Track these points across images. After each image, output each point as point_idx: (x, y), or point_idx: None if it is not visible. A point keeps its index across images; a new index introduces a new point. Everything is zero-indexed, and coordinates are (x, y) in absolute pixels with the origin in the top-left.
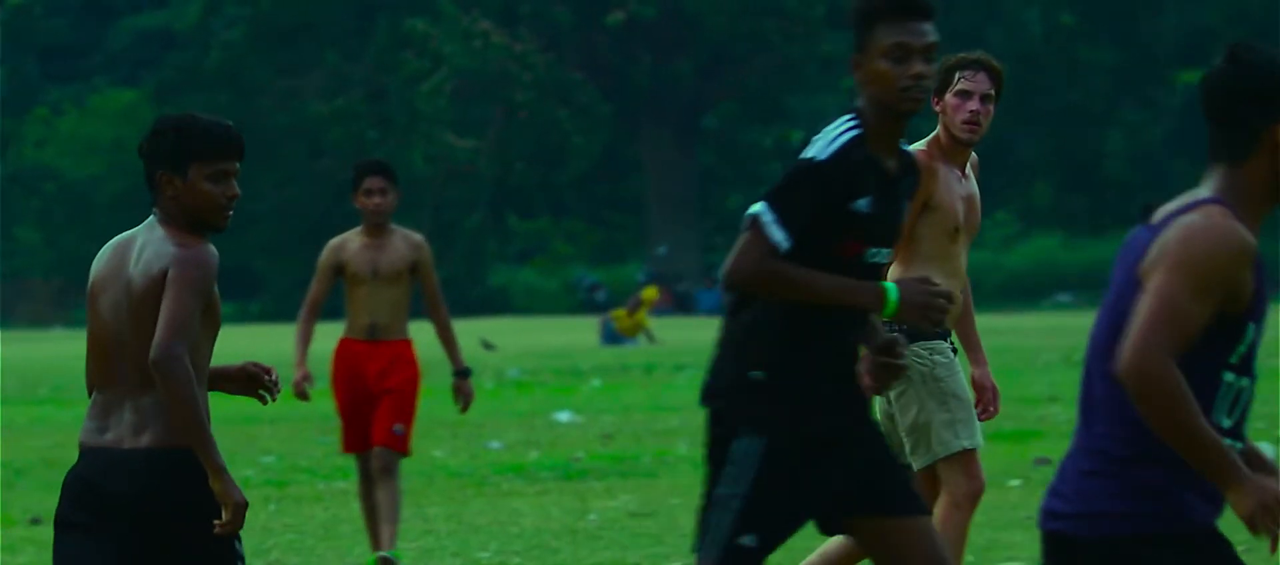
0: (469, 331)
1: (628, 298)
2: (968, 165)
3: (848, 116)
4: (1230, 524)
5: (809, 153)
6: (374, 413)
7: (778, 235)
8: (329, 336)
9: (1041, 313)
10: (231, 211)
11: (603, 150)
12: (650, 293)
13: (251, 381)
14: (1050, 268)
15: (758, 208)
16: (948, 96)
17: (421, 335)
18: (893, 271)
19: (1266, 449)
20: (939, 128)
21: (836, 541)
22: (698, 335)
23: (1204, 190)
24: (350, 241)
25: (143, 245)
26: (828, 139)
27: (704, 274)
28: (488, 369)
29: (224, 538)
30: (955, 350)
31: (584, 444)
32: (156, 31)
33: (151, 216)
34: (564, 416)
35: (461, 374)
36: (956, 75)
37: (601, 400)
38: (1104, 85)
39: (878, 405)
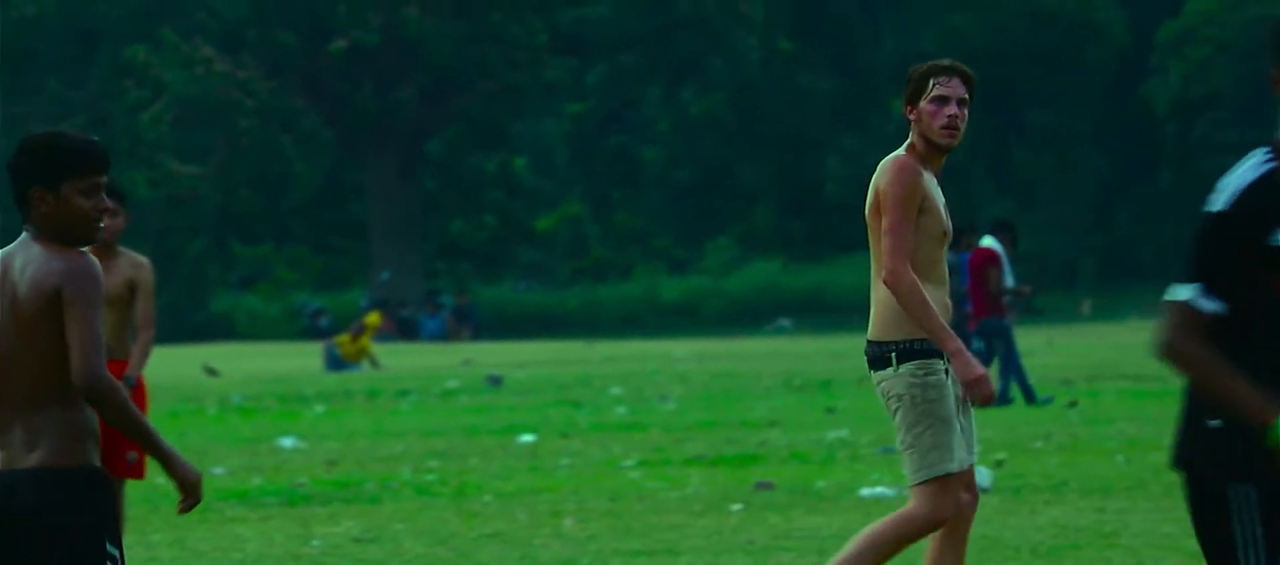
0: (192, 357)
1: (351, 324)
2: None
3: (1260, 152)
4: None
5: (1212, 206)
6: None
7: (1207, 306)
8: None
9: (762, 337)
10: (103, 223)
11: (326, 176)
12: (373, 318)
13: None
14: (771, 293)
15: (1177, 290)
16: (923, 103)
17: (153, 360)
18: (903, 274)
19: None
20: (913, 135)
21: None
22: (421, 361)
23: None
24: None
25: (24, 263)
26: (1230, 182)
27: (427, 300)
28: (211, 395)
29: (100, 549)
30: (948, 371)
31: (308, 470)
32: None
33: (24, 233)
34: (288, 442)
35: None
36: (930, 82)
37: (325, 426)
38: (822, 111)
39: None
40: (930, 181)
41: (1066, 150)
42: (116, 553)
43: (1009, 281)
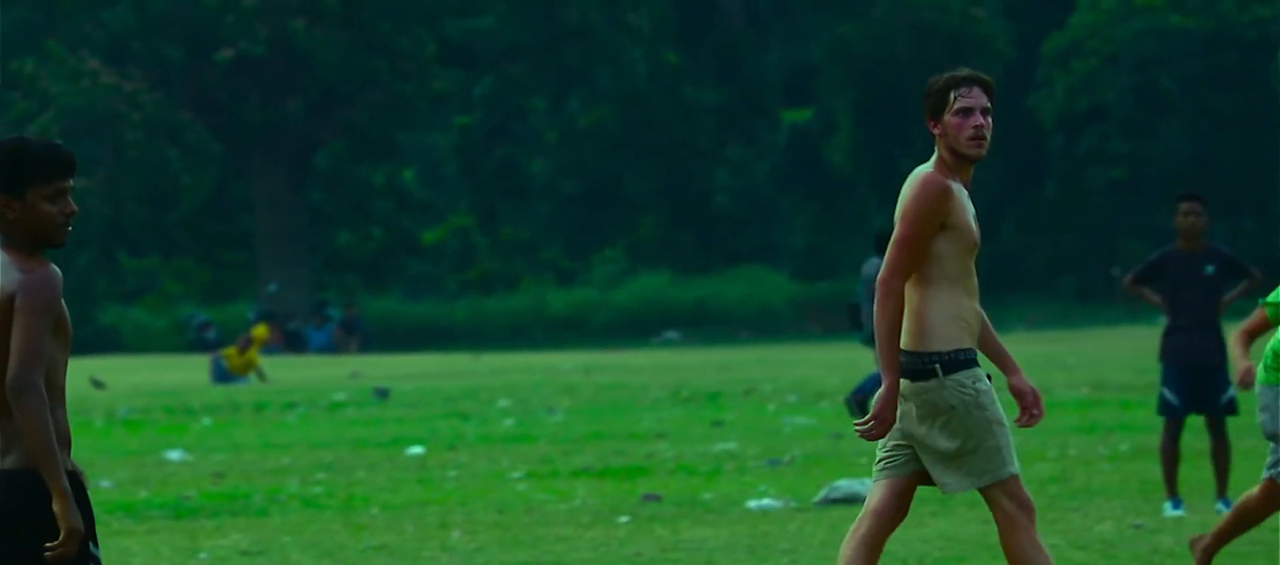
0: (79, 370)
1: (238, 336)
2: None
3: None
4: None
5: None
6: None
7: None
8: None
9: (650, 350)
10: (69, 227)
11: (213, 188)
12: (261, 331)
13: None
14: (658, 305)
15: None
16: (947, 117)
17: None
18: (918, 294)
19: None
20: (940, 149)
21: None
22: (308, 373)
23: None
24: None
25: None
26: None
27: (314, 312)
28: (98, 408)
29: (72, 556)
30: (990, 376)
31: (195, 482)
32: None
33: None
34: (175, 455)
35: None
36: (951, 95)
37: (212, 439)
38: (710, 123)
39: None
40: (960, 193)
41: None
42: (96, 551)
43: None
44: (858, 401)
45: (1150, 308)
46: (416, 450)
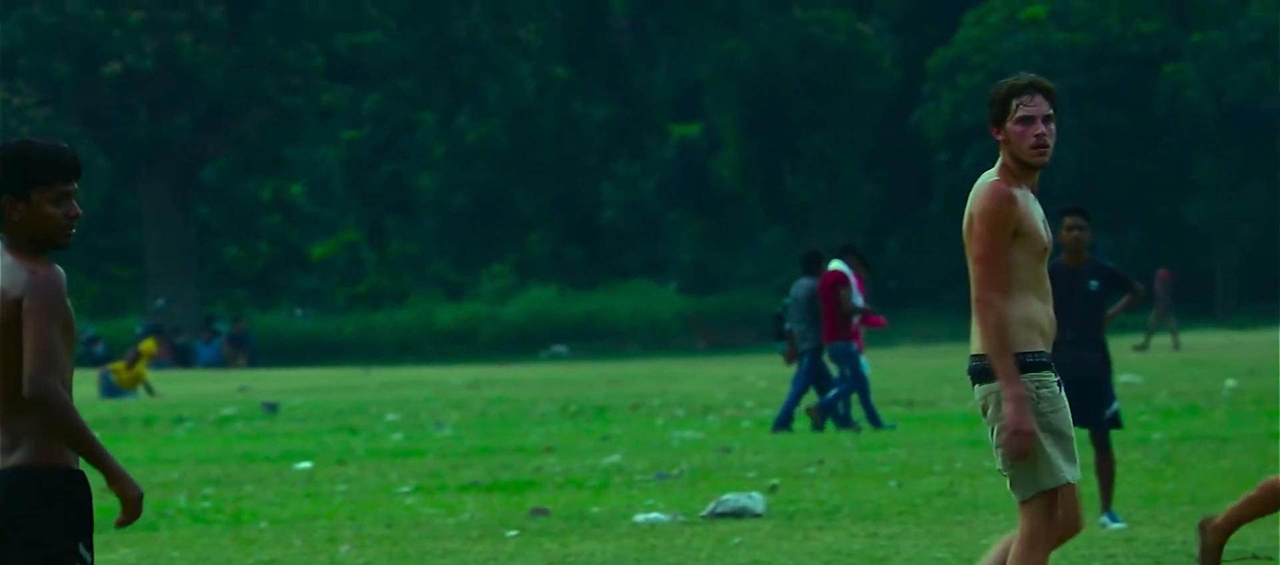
0: None
1: (126, 351)
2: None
3: None
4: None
5: None
6: None
7: None
8: None
9: (538, 364)
10: (73, 229)
11: (101, 203)
12: (149, 346)
13: None
14: (547, 319)
15: None
16: (1009, 125)
17: None
18: (994, 302)
19: None
20: (1004, 156)
21: None
22: (197, 388)
23: None
24: None
25: None
26: None
27: (202, 327)
28: None
29: (72, 551)
30: (1061, 383)
31: None
32: None
33: None
34: None
35: None
36: (1013, 103)
37: None
38: (598, 138)
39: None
40: (1027, 199)
41: (839, 177)
42: (87, 555)
43: (858, 302)
44: (818, 411)
45: None
46: (305, 465)
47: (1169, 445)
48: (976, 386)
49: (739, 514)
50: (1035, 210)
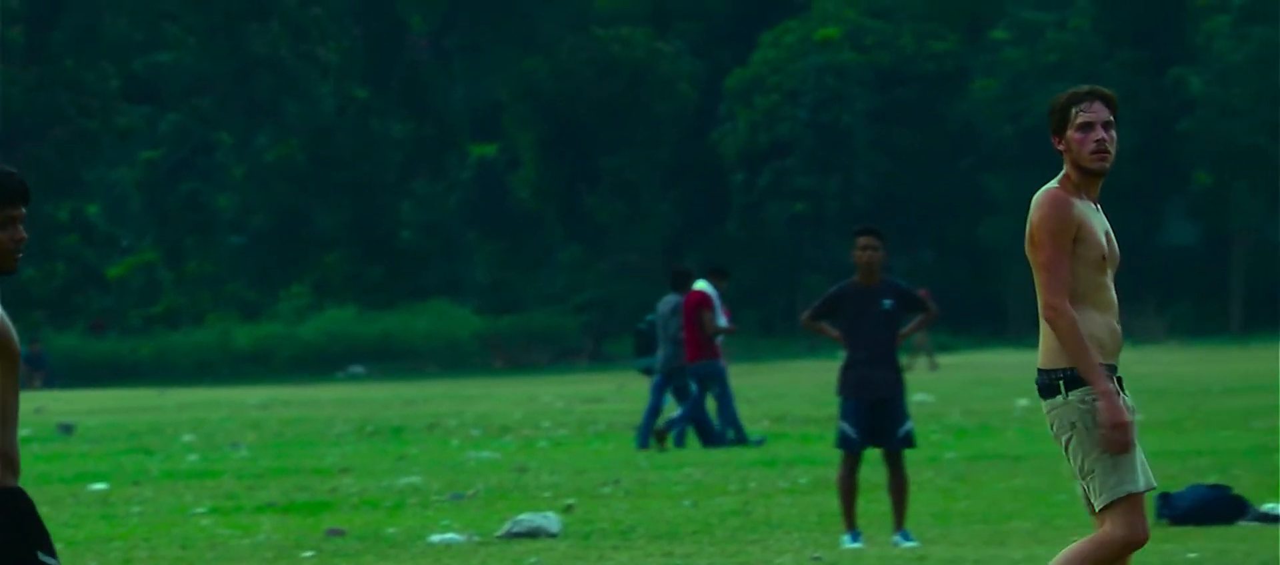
0: None
1: None
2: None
3: None
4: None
5: None
6: None
7: None
8: None
9: (335, 384)
10: (20, 254)
11: None
12: None
13: None
14: (344, 339)
15: None
16: (1069, 133)
17: None
18: (1061, 308)
19: None
20: (1066, 165)
21: None
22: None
23: None
24: None
25: None
26: None
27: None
28: None
29: (32, 558)
30: (1122, 389)
31: None
32: None
33: None
34: None
35: None
36: (1073, 110)
37: None
38: (397, 157)
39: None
40: (1087, 208)
41: (637, 196)
42: (52, 560)
43: (721, 322)
44: (659, 433)
45: (830, 342)
46: (100, 486)
47: (962, 464)
48: (1043, 402)
49: (534, 534)
50: (1097, 221)
